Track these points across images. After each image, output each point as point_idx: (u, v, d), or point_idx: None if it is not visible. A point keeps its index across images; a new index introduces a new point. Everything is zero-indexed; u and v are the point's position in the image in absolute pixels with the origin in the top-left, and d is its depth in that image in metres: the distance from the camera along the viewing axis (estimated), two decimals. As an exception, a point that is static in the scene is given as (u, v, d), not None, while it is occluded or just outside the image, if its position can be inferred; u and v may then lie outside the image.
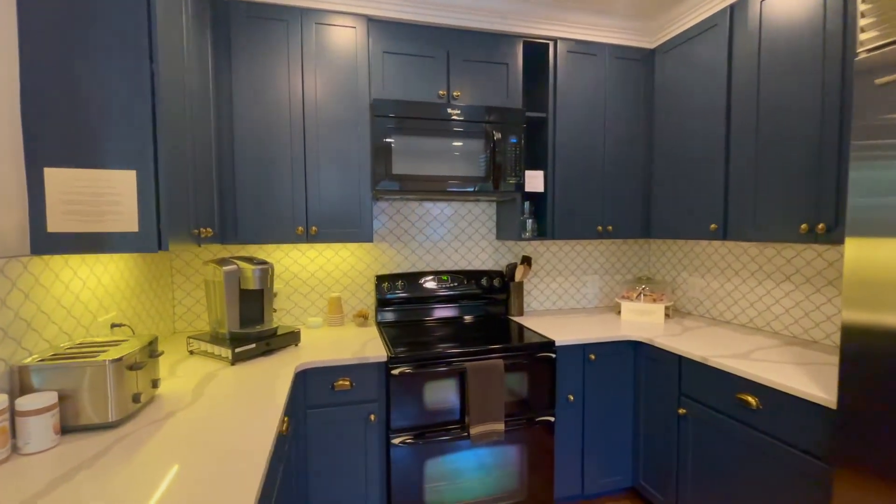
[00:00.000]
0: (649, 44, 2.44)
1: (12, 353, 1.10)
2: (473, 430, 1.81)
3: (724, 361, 1.65)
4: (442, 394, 1.84)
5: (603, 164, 2.41)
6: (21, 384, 1.07)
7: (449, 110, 2.07)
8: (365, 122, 2.06)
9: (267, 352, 1.80)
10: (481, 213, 2.63)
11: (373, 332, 2.20)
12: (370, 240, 2.11)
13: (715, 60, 2.01)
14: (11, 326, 1.10)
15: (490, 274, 2.54)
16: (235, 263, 1.80)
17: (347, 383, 1.77)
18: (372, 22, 2.06)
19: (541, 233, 2.43)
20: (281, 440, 1.33)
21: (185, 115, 1.49)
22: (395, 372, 1.78)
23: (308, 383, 1.74)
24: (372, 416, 1.80)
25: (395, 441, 1.79)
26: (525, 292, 2.73)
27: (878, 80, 1.10)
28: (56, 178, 1.17)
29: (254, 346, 1.75)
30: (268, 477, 1.07)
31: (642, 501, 2.22)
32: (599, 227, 2.42)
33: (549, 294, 2.77)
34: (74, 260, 1.36)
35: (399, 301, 2.38)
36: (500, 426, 1.84)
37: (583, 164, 2.38)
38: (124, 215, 1.22)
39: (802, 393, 1.36)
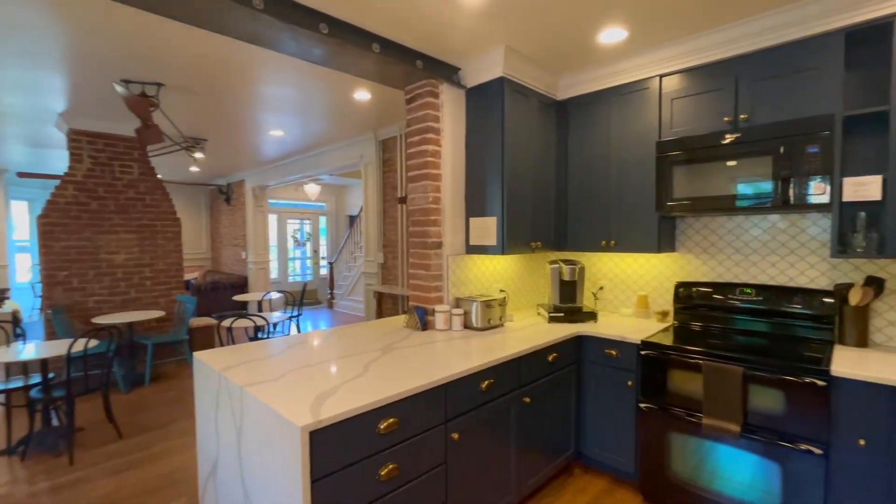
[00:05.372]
0: None
1: (457, 292, 2.78)
2: (704, 420, 2.06)
3: None
4: (682, 381, 2.20)
5: None
6: (456, 303, 2.72)
7: (727, 135, 2.26)
8: (651, 158, 2.62)
9: (571, 320, 2.83)
10: (811, 225, 2.38)
11: (662, 326, 2.69)
12: (654, 251, 2.64)
13: None
14: (458, 282, 2.78)
15: (810, 293, 2.30)
16: (559, 263, 2.94)
17: (615, 353, 2.51)
18: (663, 77, 2.58)
19: (880, 249, 1.99)
20: (546, 361, 2.38)
21: (528, 176, 2.79)
22: (643, 353, 2.34)
23: (588, 345, 2.63)
24: (629, 382, 2.44)
25: (642, 405, 2.35)
26: (887, 322, 2.19)
27: None
28: (473, 222, 2.78)
29: (562, 314, 2.83)
30: (534, 360, 2.19)
31: None
32: None
33: (936, 331, 2.06)
34: (481, 258, 2.97)
35: (694, 306, 2.69)
36: (734, 427, 1.97)
37: (960, 159, 1.77)
38: (492, 237, 2.67)
39: None
